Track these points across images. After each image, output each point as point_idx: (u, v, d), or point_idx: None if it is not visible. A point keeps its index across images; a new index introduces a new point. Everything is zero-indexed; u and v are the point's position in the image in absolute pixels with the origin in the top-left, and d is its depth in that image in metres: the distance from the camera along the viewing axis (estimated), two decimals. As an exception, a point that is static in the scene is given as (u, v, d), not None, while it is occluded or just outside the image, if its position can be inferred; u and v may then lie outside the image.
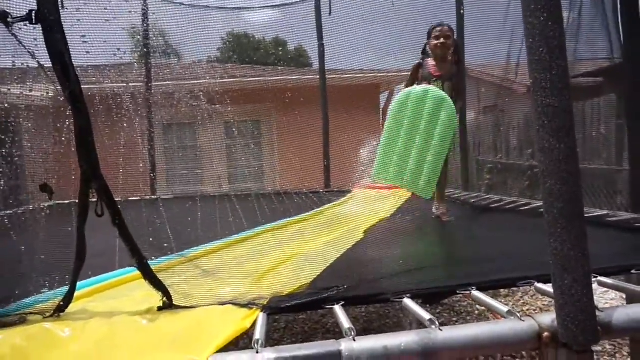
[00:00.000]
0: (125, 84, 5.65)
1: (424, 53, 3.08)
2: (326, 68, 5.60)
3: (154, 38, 5.78)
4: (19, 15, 1.03)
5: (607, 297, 3.75)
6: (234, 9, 6.21)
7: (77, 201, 1.21)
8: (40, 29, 1.02)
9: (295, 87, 7.05)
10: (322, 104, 5.54)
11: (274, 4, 6.11)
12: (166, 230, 2.44)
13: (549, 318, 1.15)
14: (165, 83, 6.15)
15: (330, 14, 5.23)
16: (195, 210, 3.90)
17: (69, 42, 1.06)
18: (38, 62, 1.16)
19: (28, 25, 1.03)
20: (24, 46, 1.10)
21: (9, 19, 1.05)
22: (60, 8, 1.07)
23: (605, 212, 2.59)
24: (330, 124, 5.54)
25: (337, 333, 1.18)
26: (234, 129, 7.54)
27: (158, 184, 5.77)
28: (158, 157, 5.96)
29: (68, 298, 1.32)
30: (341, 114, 6.06)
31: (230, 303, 1.38)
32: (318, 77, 5.67)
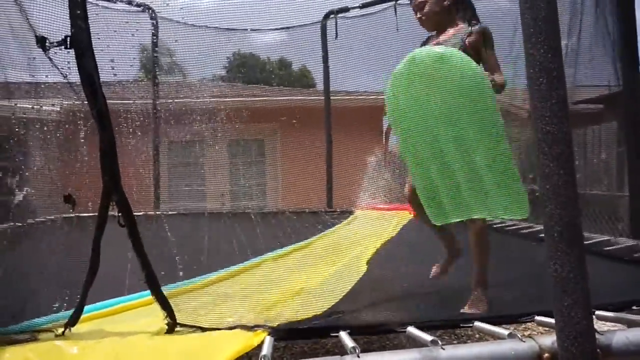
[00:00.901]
0: (132, 101, 5.76)
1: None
2: (331, 89, 5.71)
3: (162, 57, 5.92)
4: (55, 41, 1.12)
5: (609, 325, 3.72)
6: (242, 30, 6.36)
7: (93, 215, 1.25)
8: (73, 53, 1.11)
9: (300, 108, 7.16)
10: (326, 125, 5.62)
11: (281, 27, 6.26)
12: (172, 246, 2.47)
13: (549, 340, 1.17)
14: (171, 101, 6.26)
15: (336, 37, 5.35)
16: (198, 227, 3.92)
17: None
18: (69, 82, 1.23)
19: (62, 49, 1.11)
20: (57, 68, 1.19)
21: (46, 44, 1.14)
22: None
23: (605, 237, 2.61)
24: (334, 144, 5.61)
25: (336, 354, 1.20)
26: (237, 148, 7.62)
27: (162, 199, 5.81)
28: (162, 174, 6.03)
29: (79, 310, 1.35)
30: (344, 135, 6.14)
31: (237, 327, 1.40)
32: (322, 98, 5.78)
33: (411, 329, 1.39)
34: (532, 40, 1.07)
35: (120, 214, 1.24)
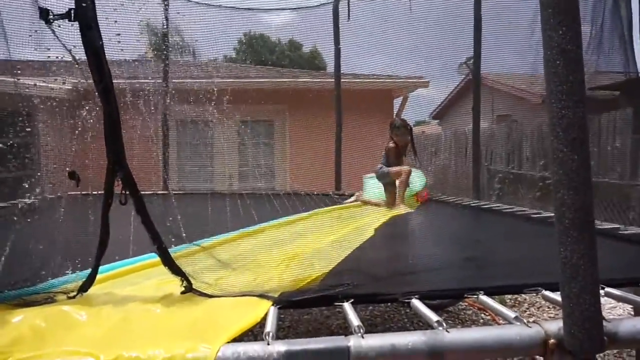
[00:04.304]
0: (141, 80, 5.74)
1: None
2: (342, 71, 5.65)
3: (172, 36, 5.88)
4: (59, 13, 1.10)
5: (614, 313, 3.73)
6: (252, 10, 6.27)
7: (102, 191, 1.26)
8: (78, 26, 1.08)
9: (310, 90, 7.10)
10: (337, 107, 5.57)
11: (292, 7, 6.17)
12: (179, 224, 2.49)
13: (555, 325, 1.17)
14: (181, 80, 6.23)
15: (348, 19, 5.26)
16: (206, 207, 3.95)
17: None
18: (73, 57, 1.22)
19: (66, 22, 1.09)
20: (61, 42, 1.17)
21: (50, 17, 1.11)
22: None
23: (617, 225, 2.59)
24: (344, 126, 5.57)
25: (340, 334, 1.21)
26: (246, 129, 7.60)
27: (170, 179, 5.84)
28: (171, 154, 6.05)
29: (90, 279, 1.38)
30: (355, 118, 6.10)
31: (243, 295, 1.41)
32: (333, 80, 5.72)
33: (415, 301, 1.39)
34: (551, 22, 1.04)
35: (123, 191, 1.24)
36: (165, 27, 5.62)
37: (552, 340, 1.15)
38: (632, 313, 2.82)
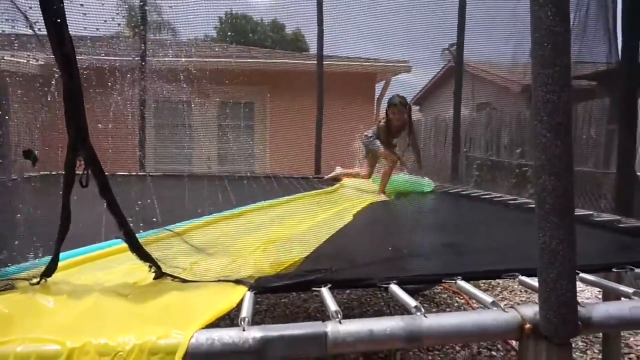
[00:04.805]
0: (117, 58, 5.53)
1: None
2: (324, 54, 5.56)
3: (149, 12, 5.67)
4: None
5: (582, 296, 3.84)
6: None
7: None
8: None
9: (291, 72, 6.99)
10: (318, 90, 5.50)
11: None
12: (154, 206, 2.42)
13: (531, 310, 1.17)
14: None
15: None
16: (183, 189, 3.87)
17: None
18: (28, 19, 1.12)
19: None
20: (14, 4, 1.06)
21: None
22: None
23: (590, 212, 2.64)
24: (325, 110, 5.51)
25: (318, 318, 1.19)
26: (226, 110, 7.47)
27: (147, 160, 5.70)
28: (147, 134, 5.88)
29: (52, 265, 1.30)
30: (336, 101, 6.04)
31: (218, 280, 1.37)
32: (315, 62, 5.62)
33: (394, 287, 1.38)
34: (540, 2, 1.02)
35: (85, 172, 1.15)
36: (142, 2, 5.40)
37: (527, 325, 1.16)
38: (600, 297, 2.91)
